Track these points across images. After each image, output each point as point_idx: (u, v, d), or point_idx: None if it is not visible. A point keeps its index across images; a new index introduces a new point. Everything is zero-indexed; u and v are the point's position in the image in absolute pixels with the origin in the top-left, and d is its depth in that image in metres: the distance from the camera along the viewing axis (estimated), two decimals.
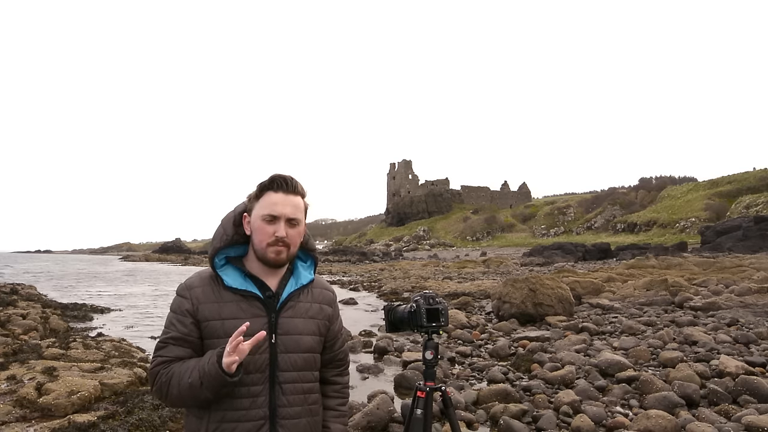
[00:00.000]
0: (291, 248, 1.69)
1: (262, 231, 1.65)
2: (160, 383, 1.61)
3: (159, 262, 73.72)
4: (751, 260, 22.41)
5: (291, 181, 1.68)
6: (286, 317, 1.69)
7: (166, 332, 1.67)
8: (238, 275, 1.69)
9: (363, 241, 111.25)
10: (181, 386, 1.56)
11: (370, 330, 10.87)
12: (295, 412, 1.68)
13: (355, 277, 29.57)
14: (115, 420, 4.57)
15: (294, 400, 1.68)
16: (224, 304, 1.65)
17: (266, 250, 1.66)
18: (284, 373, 1.66)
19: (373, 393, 5.75)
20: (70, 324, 11.96)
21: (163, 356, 1.64)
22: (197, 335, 1.65)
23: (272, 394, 1.64)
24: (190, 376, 1.55)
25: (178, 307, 1.68)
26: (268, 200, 1.66)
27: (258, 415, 1.62)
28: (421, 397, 2.01)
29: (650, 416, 4.51)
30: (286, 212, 1.65)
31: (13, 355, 6.95)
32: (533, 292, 10.42)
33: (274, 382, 1.65)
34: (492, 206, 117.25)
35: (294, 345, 1.69)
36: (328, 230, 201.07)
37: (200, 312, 1.64)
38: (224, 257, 1.72)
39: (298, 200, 1.69)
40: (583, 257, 39.04)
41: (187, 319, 1.65)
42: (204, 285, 1.69)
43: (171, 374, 1.59)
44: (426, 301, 2.00)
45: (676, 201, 77.85)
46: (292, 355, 1.68)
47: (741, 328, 8.49)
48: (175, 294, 1.73)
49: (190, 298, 1.66)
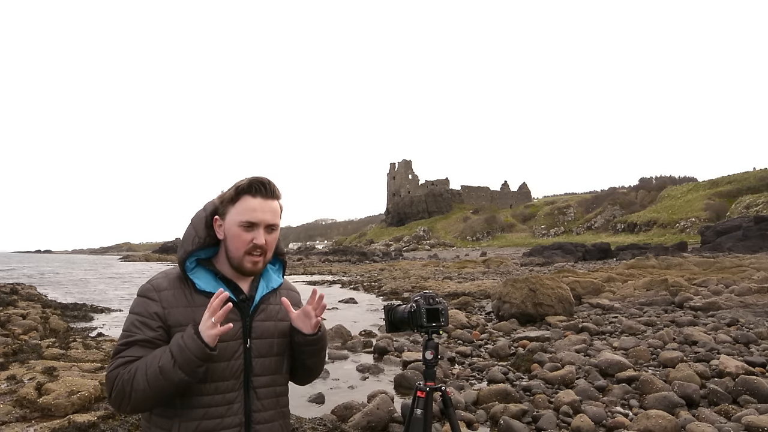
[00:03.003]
0: (268, 254, 1.63)
1: (238, 238, 1.57)
2: (122, 382, 1.46)
3: (159, 262, 73.65)
4: (751, 260, 22.42)
5: (269, 185, 1.60)
6: (259, 321, 1.64)
7: (128, 335, 1.53)
8: (210, 278, 1.62)
9: (363, 241, 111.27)
10: (148, 376, 1.43)
11: (370, 330, 10.87)
12: (269, 416, 1.65)
13: (355, 277, 29.57)
14: (115, 420, 4.56)
15: (268, 404, 1.64)
16: (197, 308, 1.55)
17: (243, 259, 1.58)
18: (258, 378, 1.62)
19: (373, 393, 5.75)
20: (70, 324, 11.96)
21: (125, 356, 1.50)
22: (165, 340, 1.53)
23: (247, 400, 1.59)
24: (160, 360, 1.44)
25: (145, 309, 1.55)
26: (246, 206, 1.56)
27: (234, 422, 1.56)
28: (421, 397, 2.00)
29: (650, 416, 4.51)
30: (266, 218, 1.58)
31: (13, 355, 6.95)
32: (533, 292, 10.42)
33: (249, 387, 1.60)
34: (492, 206, 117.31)
35: (267, 349, 1.64)
36: (328, 230, 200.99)
37: (171, 316, 1.54)
38: (194, 259, 1.63)
39: (275, 205, 1.62)
40: (583, 257, 39.05)
41: (154, 323, 1.53)
42: (173, 288, 1.58)
43: (135, 369, 1.46)
44: (426, 301, 2.00)
45: (676, 201, 77.93)
46: (265, 359, 1.64)
47: (741, 328, 8.49)
48: (137, 296, 1.60)
49: (159, 300, 1.55)
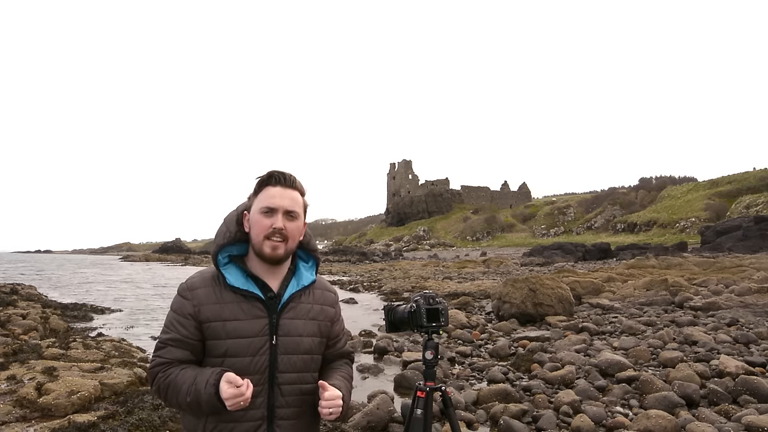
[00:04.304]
0: (289, 242, 1.66)
1: (259, 224, 1.64)
2: (158, 385, 1.62)
3: (159, 262, 73.62)
4: (751, 260, 22.41)
5: (289, 177, 1.68)
6: (287, 319, 1.69)
7: (165, 332, 1.66)
8: (240, 275, 1.67)
9: (363, 241, 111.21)
10: (179, 400, 1.58)
11: (370, 330, 10.87)
12: (293, 413, 1.68)
13: (355, 277, 29.55)
14: (115, 420, 4.57)
15: (292, 401, 1.68)
16: (225, 305, 1.63)
17: (263, 243, 1.64)
18: (283, 375, 1.66)
19: (373, 393, 5.75)
20: (70, 324, 11.94)
21: (162, 357, 1.63)
22: (198, 338, 1.64)
23: (271, 395, 1.64)
24: (188, 394, 1.55)
25: (180, 308, 1.66)
26: (266, 194, 1.65)
27: (256, 415, 1.62)
28: (421, 397, 2.00)
29: (650, 416, 4.51)
30: (284, 204, 1.64)
31: (13, 355, 6.95)
32: (533, 292, 10.42)
33: (273, 383, 1.65)
34: (492, 206, 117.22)
35: (294, 346, 1.68)
36: (328, 230, 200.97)
37: (202, 314, 1.63)
38: (227, 255, 1.70)
39: (296, 195, 1.68)
40: (583, 257, 39.04)
41: (188, 322, 1.63)
42: (206, 286, 1.67)
43: (168, 381, 1.60)
44: (426, 301, 2.00)
45: (676, 201, 77.85)
46: (292, 356, 1.68)
47: (741, 328, 8.49)
48: (176, 294, 1.70)
49: (191, 299, 1.64)
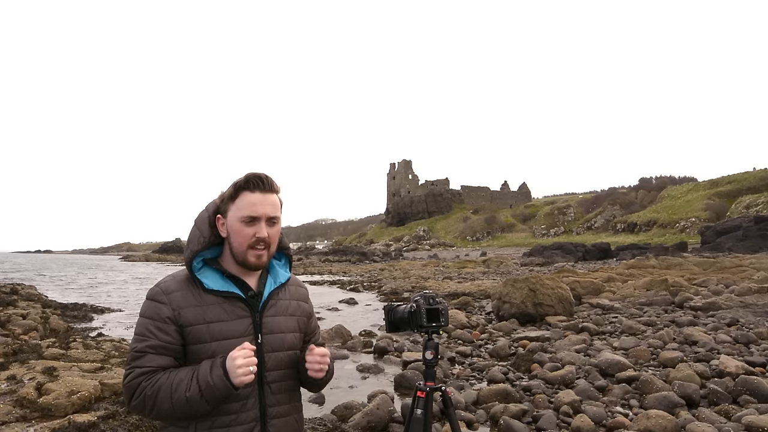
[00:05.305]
0: (271, 247, 1.66)
1: (241, 233, 1.60)
2: (144, 396, 1.50)
3: (159, 262, 73.64)
4: (751, 260, 22.41)
5: (267, 180, 1.63)
6: (269, 316, 1.68)
7: (141, 340, 1.56)
8: (218, 277, 1.64)
9: (363, 241, 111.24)
10: (174, 400, 1.49)
11: (370, 330, 10.87)
12: (284, 411, 1.68)
13: (355, 277, 29.53)
14: (115, 420, 4.56)
15: (282, 399, 1.68)
16: (207, 307, 1.59)
17: (247, 253, 1.61)
18: (272, 373, 1.65)
19: (373, 393, 5.75)
20: (70, 324, 11.95)
21: (143, 366, 1.53)
22: (180, 342, 1.57)
23: (261, 395, 1.63)
24: (187, 389, 1.48)
25: (156, 313, 1.57)
26: (246, 201, 1.60)
27: (249, 417, 1.59)
28: (421, 397, 2.01)
29: (650, 416, 4.51)
30: (267, 211, 1.61)
31: (13, 355, 6.95)
32: (533, 292, 10.41)
33: (263, 383, 1.63)
34: (492, 206, 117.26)
35: (279, 344, 1.68)
36: (328, 230, 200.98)
37: (182, 317, 1.56)
38: (201, 259, 1.66)
39: (275, 198, 1.65)
40: (583, 257, 39.01)
41: (168, 326, 1.55)
42: (182, 289, 1.60)
43: (158, 386, 1.50)
44: (426, 301, 2.00)
45: (676, 201, 77.89)
46: (278, 353, 1.67)
47: (741, 328, 8.48)
48: (146, 299, 1.61)
49: (168, 303, 1.57)
